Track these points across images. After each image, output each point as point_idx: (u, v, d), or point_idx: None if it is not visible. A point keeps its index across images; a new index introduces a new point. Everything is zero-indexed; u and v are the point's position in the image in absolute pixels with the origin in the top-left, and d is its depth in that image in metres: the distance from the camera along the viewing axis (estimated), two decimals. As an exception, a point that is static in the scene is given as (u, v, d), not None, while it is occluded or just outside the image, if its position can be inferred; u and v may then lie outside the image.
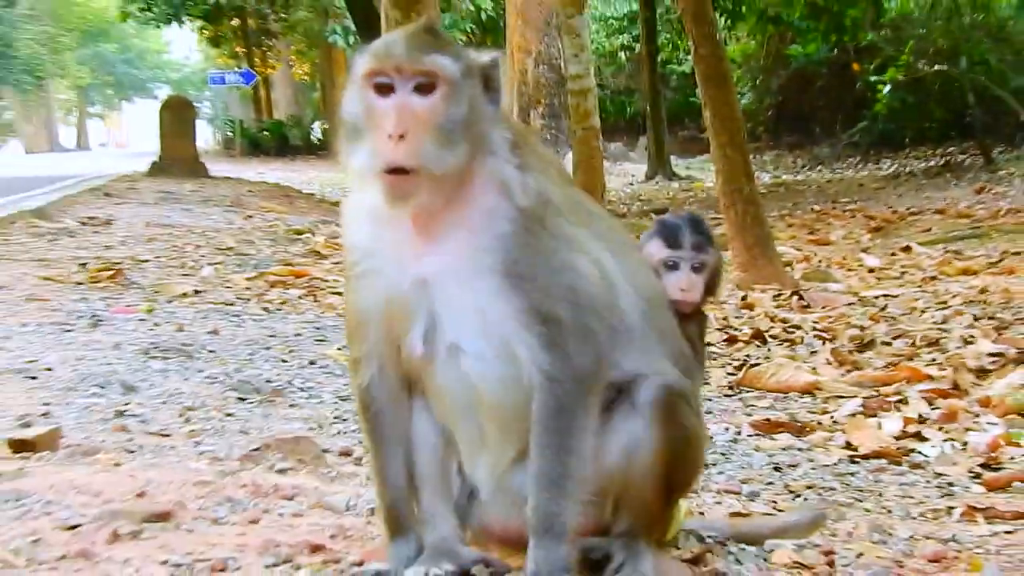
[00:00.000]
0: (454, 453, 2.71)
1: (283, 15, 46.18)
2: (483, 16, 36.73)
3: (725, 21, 24.22)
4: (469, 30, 37.88)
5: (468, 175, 2.50)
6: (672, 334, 2.79)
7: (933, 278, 9.29)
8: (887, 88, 19.62)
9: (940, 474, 4.06)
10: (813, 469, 4.18)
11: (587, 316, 2.51)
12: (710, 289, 3.23)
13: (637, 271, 2.75)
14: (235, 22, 48.33)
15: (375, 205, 2.53)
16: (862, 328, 6.87)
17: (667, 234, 3.21)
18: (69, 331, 6.36)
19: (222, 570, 2.76)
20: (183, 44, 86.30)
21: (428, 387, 2.64)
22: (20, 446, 3.86)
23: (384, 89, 2.44)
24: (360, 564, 2.83)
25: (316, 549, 2.92)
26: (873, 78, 20.88)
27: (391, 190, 2.43)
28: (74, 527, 3.03)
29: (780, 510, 3.64)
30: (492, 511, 2.70)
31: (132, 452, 3.99)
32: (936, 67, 20.92)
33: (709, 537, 3.13)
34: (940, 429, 4.59)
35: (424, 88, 2.44)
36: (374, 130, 2.43)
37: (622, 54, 37.70)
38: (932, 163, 22.71)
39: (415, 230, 2.52)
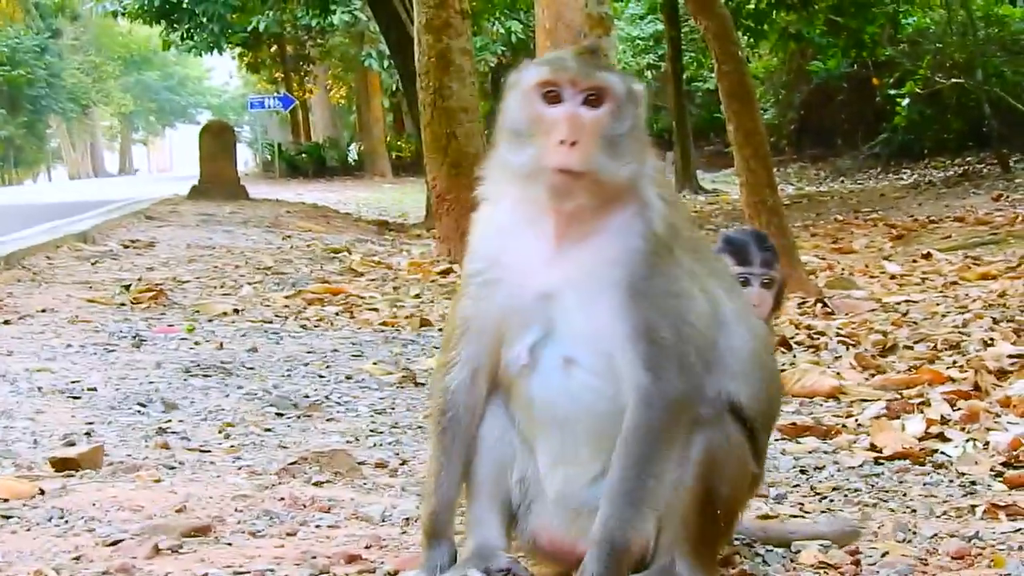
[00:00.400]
0: (517, 464, 2.76)
1: (320, 41, 46.58)
2: (513, 38, 36.93)
3: (748, 39, 24.39)
4: (500, 52, 38.08)
5: (620, 191, 2.62)
6: (775, 376, 2.90)
7: (953, 283, 9.35)
8: (906, 101, 19.85)
9: (963, 473, 4.07)
10: (839, 471, 4.21)
11: (688, 345, 2.60)
12: (777, 302, 3.30)
13: (748, 312, 2.85)
14: (274, 49, 48.79)
15: (509, 217, 2.68)
16: (885, 333, 6.90)
17: (736, 251, 3.27)
18: (112, 351, 6.48)
19: (260, 581, 2.84)
20: (223, 70, 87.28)
21: (518, 397, 2.71)
22: (63, 464, 3.95)
23: (552, 99, 2.60)
24: (395, 573, 2.90)
25: (352, 559, 2.99)
26: (892, 91, 21.11)
27: (558, 187, 2.56)
28: (116, 543, 3.11)
29: (806, 512, 3.68)
30: (550, 524, 2.74)
31: (173, 468, 4.07)
32: (953, 80, 21.30)
33: (737, 539, 3.18)
34: (962, 430, 4.61)
35: (591, 101, 2.60)
36: (543, 135, 2.58)
37: (649, 73, 37.76)
38: (951, 173, 22.85)
39: (549, 241, 2.63)
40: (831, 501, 3.84)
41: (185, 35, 39.70)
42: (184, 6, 37.98)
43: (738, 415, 2.70)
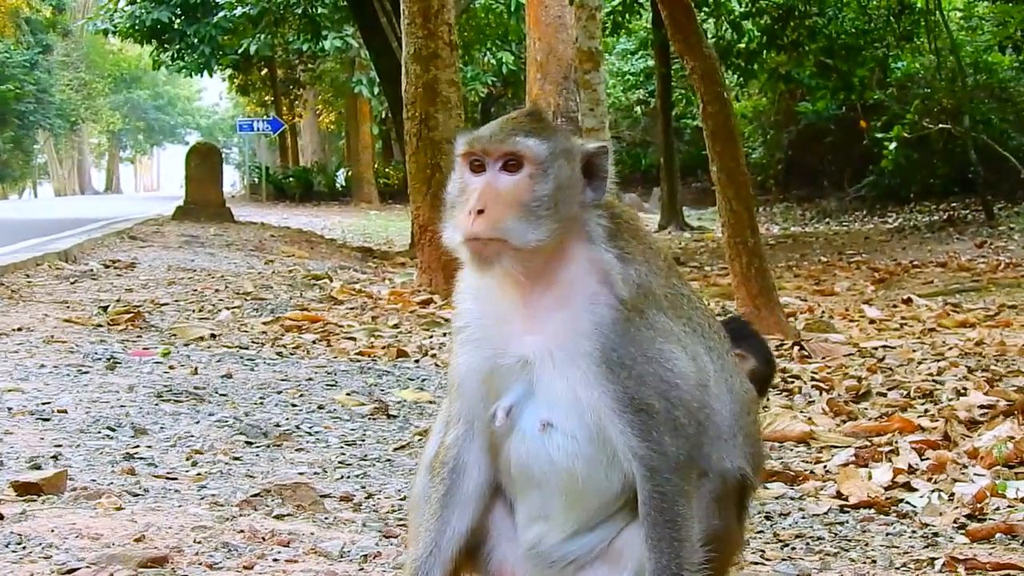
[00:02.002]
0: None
1: (311, 66, 46.75)
2: (504, 69, 37.16)
3: (738, 78, 24.59)
4: (490, 83, 38.26)
5: (564, 258, 2.61)
6: (756, 438, 2.86)
7: (931, 330, 9.38)
8: (893, 144, 20.02)
9: (926, 524, 4.07)
10: (803, 518, 4.20)
11: (677, 409, 2.59)
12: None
13: (732, 372, 2.81)
14: (264, 72, 48.96)
15: (484, 281, 2.67)
16: (859, 379, 6.90)
17: None
18: (86, 373, 6.45)
19: (212, 614, 2.83)
20: (213, 91, 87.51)
21: (499, 456, 2.70)
22: (25, 489, 3.93)
23: (478, 168, 2.62)
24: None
25: (307, 594, 3.00)
26: (880, 135, 21.30)
27: (473, 255, 2.58)
28: (71, 571, 3.10)
29: (767, 559, 3.67)
30: (517, 571, 2.73)
31: (137, 495, 4.05)
32: (940, 125, 21.52)
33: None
34: (929, 480, 4.61)
35: (511, 167, 2.60)
36: (462, 205, 2.60)
37: (638, 108, 38.13)
38: (935, 217, 23.07)
39: (520, 307, 2.63)
40: (793, 549, 3.83)
41: (176, 55, 39.88)
42: (175, 27, 38.18)
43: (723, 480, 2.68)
